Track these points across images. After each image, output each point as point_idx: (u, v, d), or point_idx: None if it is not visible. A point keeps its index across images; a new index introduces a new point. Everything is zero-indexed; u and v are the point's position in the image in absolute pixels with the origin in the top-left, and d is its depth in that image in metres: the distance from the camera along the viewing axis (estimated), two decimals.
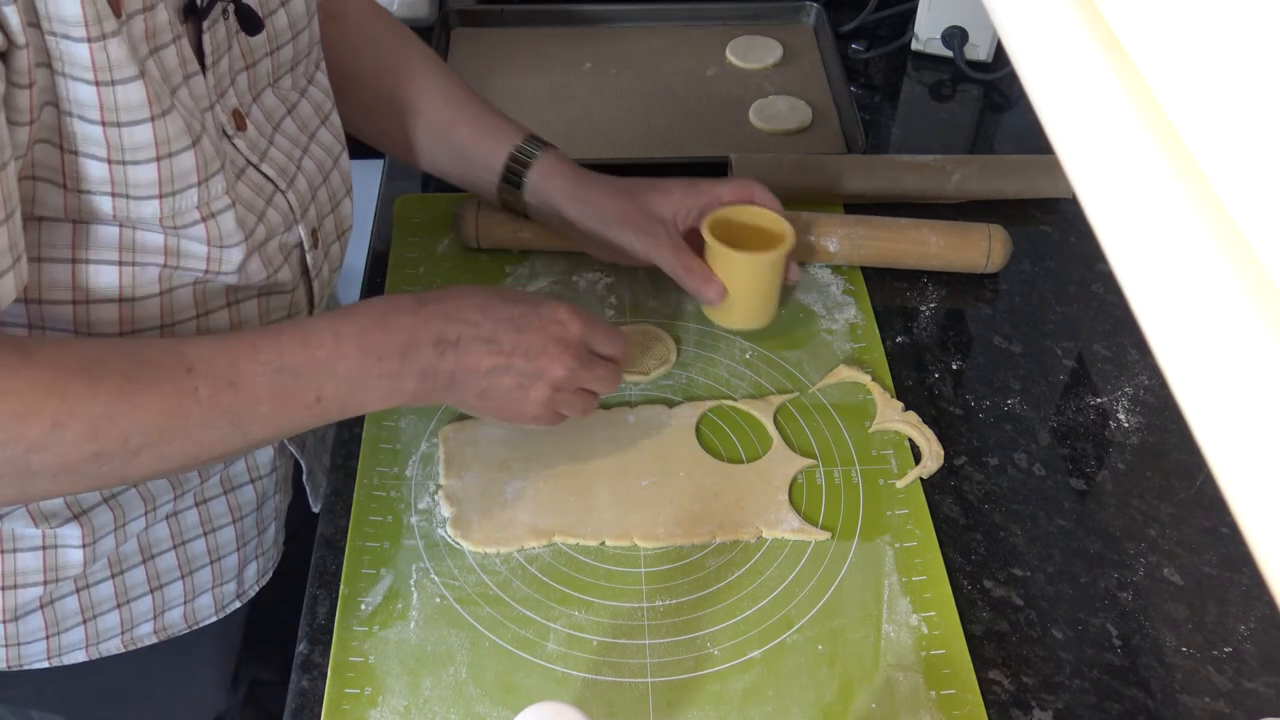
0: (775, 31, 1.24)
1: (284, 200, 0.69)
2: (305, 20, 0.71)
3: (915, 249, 0.94)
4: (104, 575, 0.74)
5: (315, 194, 0.72)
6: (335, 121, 0.76)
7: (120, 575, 0.74)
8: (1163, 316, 0.28)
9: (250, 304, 0.69)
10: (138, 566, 0.75)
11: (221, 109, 0.64)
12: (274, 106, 0.70)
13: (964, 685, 0.69)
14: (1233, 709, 0.69)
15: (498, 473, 0.79)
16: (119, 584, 0.75)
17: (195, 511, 0.77)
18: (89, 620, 0.75)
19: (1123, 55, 0.30)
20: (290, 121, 0.71)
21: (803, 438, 0.83)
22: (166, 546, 0.76)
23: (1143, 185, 0.28)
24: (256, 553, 0.83)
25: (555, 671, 0.69)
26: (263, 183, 0.67)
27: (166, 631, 0.79)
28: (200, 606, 0.80)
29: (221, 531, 0.79)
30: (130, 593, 0.76)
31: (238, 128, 0.65)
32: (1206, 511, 0.79)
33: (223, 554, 0.80)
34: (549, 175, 0.86)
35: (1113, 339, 0.92)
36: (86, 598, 0.74)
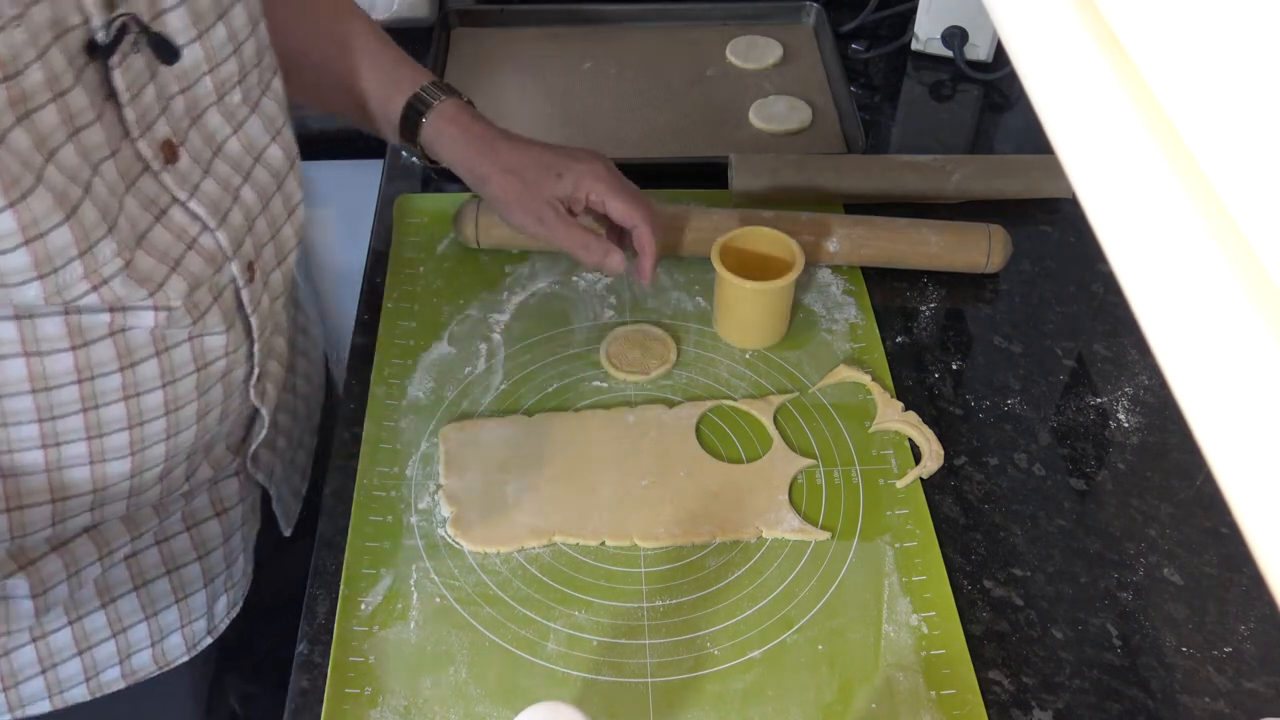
0: (775, 31, 1.24)
1: (212, 239, 0.64)
2: (248, 29, 0.66)
3: (915, 249, 0.94)
4: (61, 623, 0.71)
5: (254, 224, 0.67)
6: (288, 135, 0.71)
7: (79, 621, 0.71)
8: (1163, 316, 0.28)
9: (181, 350, 0.64)
10: (96, 612, 0.72)
11: (147, 143, 0.59)
12: (218, 127, 0.65)
13: (964, 685, 0.69)
14: (1233, 709, 0.69)
15: (498, 473, 0.79)
16: (78, 631, 0.72)
17: (156, 551, 0.74)
18: (48, 670, 0.72)
19: (1123, 55, 0.30)
20: (235, 142, 0.66)
21: (803, 438, 0.83)
22: (127, 589, 0.73)
23: (1143, 185, 0.28)
24: (226, 586, 0.80)
25: (555, 671, 0.69)
26: (188, 223, 0.62)
27: (135, 675, 0.76)
28: (170, 647, 0.77)
29: (186, 569, 0.76)
30: (90, 639, 0.72)
31: (167, 161, 0.60)
32: (1206, 511, 0.79)
33: (189, 592, 0.77)
34: (440, 137, 0.84)
35: (1113, 339, 0.92)
36: (44, 647, 0.71)
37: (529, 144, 0.85)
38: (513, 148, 0.84)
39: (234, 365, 0.69)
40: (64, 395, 0.60)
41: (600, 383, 0.87)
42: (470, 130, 0.84)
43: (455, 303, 0.93)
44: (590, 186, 0.83)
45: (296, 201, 0.72)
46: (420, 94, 0.84)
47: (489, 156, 0.83)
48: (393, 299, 0.93)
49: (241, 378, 0.71)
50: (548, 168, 0.83)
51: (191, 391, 0.66)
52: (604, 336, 0.89)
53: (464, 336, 0.90)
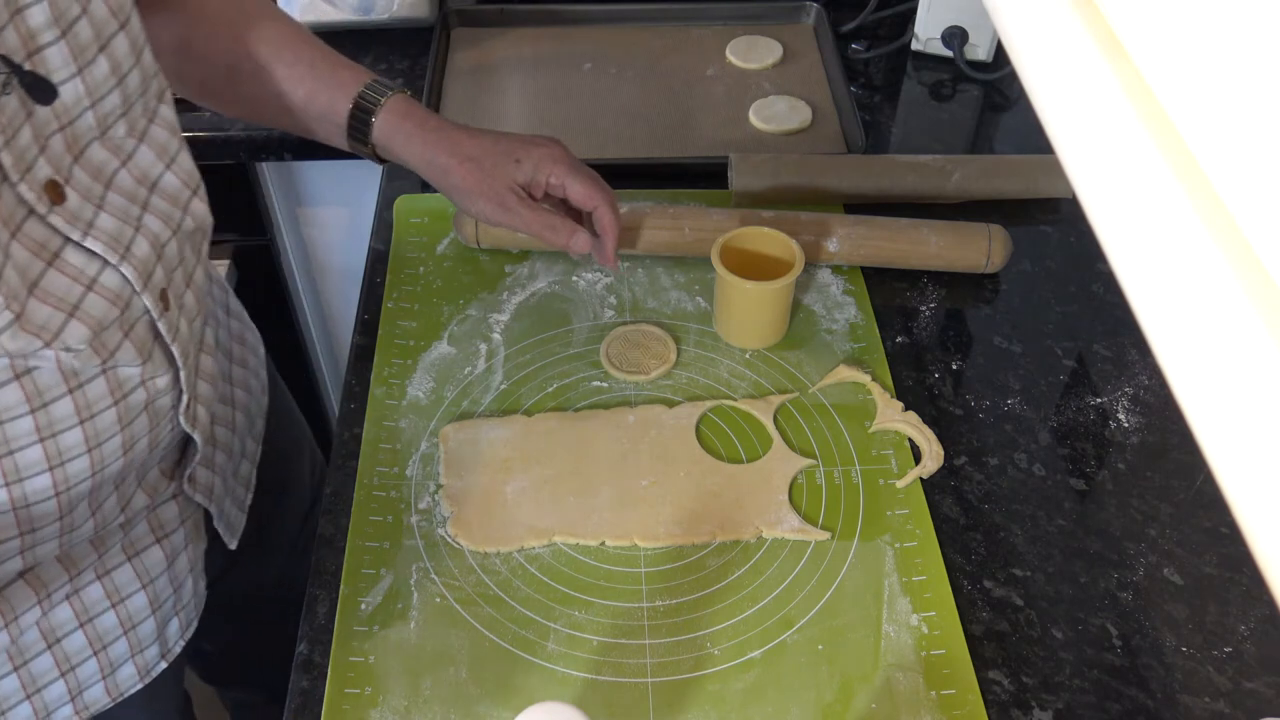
0: (775, 31, 1.24)
1: (116, 276, 0.61)
2: (131, 59, 0.62)
3: (915, 249, 0.94)
4: (5, 670, 0.69)
5: (163, 251, 0.64)
6: (185, 163, 0.68)
7: (24, 666, 0.69)
8: (1163, 316, 0.28)
9: (96, 384, 0.62)
10: (42, 654, 0.70)
11: (28, 187, 0.56)
12: (104, 161, 0.61)
13: (964, 685, 0.69)
14: (1233, 709, 0.69)
15: (498, 473, 0.79)
16: (24, 675, 0.69)
17: (98, 585, 0.71)
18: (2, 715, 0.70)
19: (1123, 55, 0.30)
20: (125, 174, 0.63)
21: (803, 438, 0.83)
22: (72, 628, 0.71)
23: (1143, 185, 0.28)
24: (175, 609, 0.78)
25: (555, 671, 0.69)
26: (85, 263, 0.59)
27: (89, 710, 0.74)
28: (122, 679, 0.75)
29: (132, 600, 0.74)
30: (38, 681, 0.70)
31: (54, 202, 0.57)
32: (1206, 511, 0.79)
33: (137, 621, 0.75)
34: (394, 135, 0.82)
35: (1113, 339, 0.92)
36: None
37: (485, 132, 0.84)
38: (470, 137, 0.83)
39: (157, 394, 0.66)
40: None
41: (600, 383, 0.87)
42: (425, 124, 0.83)
43: (455, 303, 0.93)
44: (550, 170, 0.82)
45: (207, 225, 0.70)
46: (365, 93, 0.82)
47: (447, 147, 0.82)
48: (393, 299, 0.93)
49: (169, 404, 0.68)
50: (506, 154, 0.82)
51: (113, 425, 0.63)
52: (604, 336, 0.89)
53: (464, 336, 0.90)
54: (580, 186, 0.83)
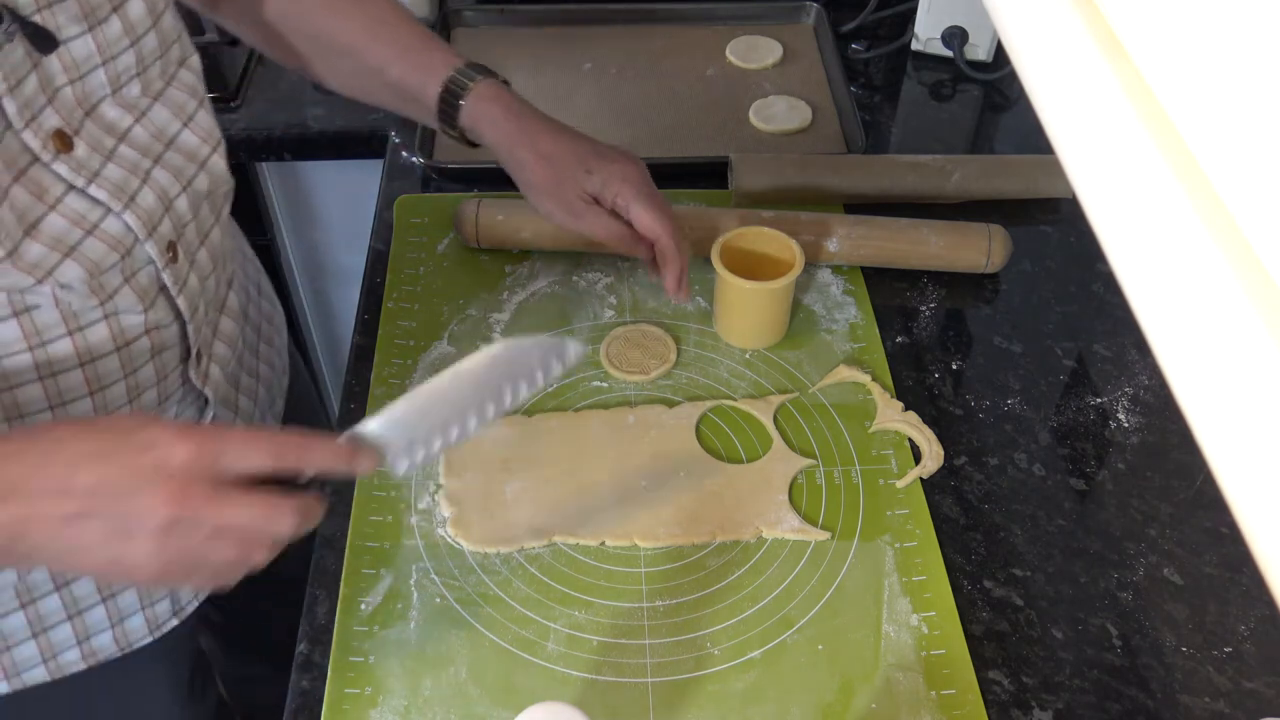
0: (775, 31, 1.24)
1: (118, 222, 0.62)
2: (148, 22, 0.65)
3: (915, 249, 0.94)
4: (13, 606, 0.70)
5: (172, 205, 0.66)
6: (203, 121, 0.70)
7: (32, 604, 0.70)
8: (1163, 316, 0.28)
9: (97, 329, 0.63)
10: (50, 595, 0.71)
11: (33, 134, 0.58)
12: (118, 117, 0.64)
13: (964, 685, 0.69)
14: (1233, 709, 0.69)
15: (498, 473, 0.79)
16: (31, 613, 0.71)
17: None
18: (4, 651, 0.71)
19: (1123, 55, 0.30)
20: (140, 130, 0.65)
21: (803, 438, 0.83)
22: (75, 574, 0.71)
23: (1143, 185, 0.28)
24: None
25: (555, 671, 0.69)
26: (88, 208, 0.61)
27: (96, 656, 0.75)
28: (131, 629, 0.76)
29: None
30: (45, 621, 0.72)
31: (60, 149, 0.59)
32: (1206, 511, 0.79)
33: None
34: (481, 119, 0.83)
35: (1113, 339, 0.92)
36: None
37: (564, 131, 0.84)
38: (550, 134, 0.83)
39: (164, 345, 0.67)
40: None
41: (600, 383, 0.87)
42: (510, 111, 0.83)
43: (455, 303, 0.93)
44: (618, 189, 0.81)
45: (223, 182, 0.72)
46: (455, 77, 0.82)
47: (526, 141, 0.82)
48: (393, 299, 0.93)
49: (177, 358, 0.70)
50: (579, 160, 0.82)
51: (116, 371, 0.65)
52: (604, 336, 0.89)
53: (464, 336, 0.90)
54: (644, 214, 0.81)
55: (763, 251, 0.89)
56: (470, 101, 0.82)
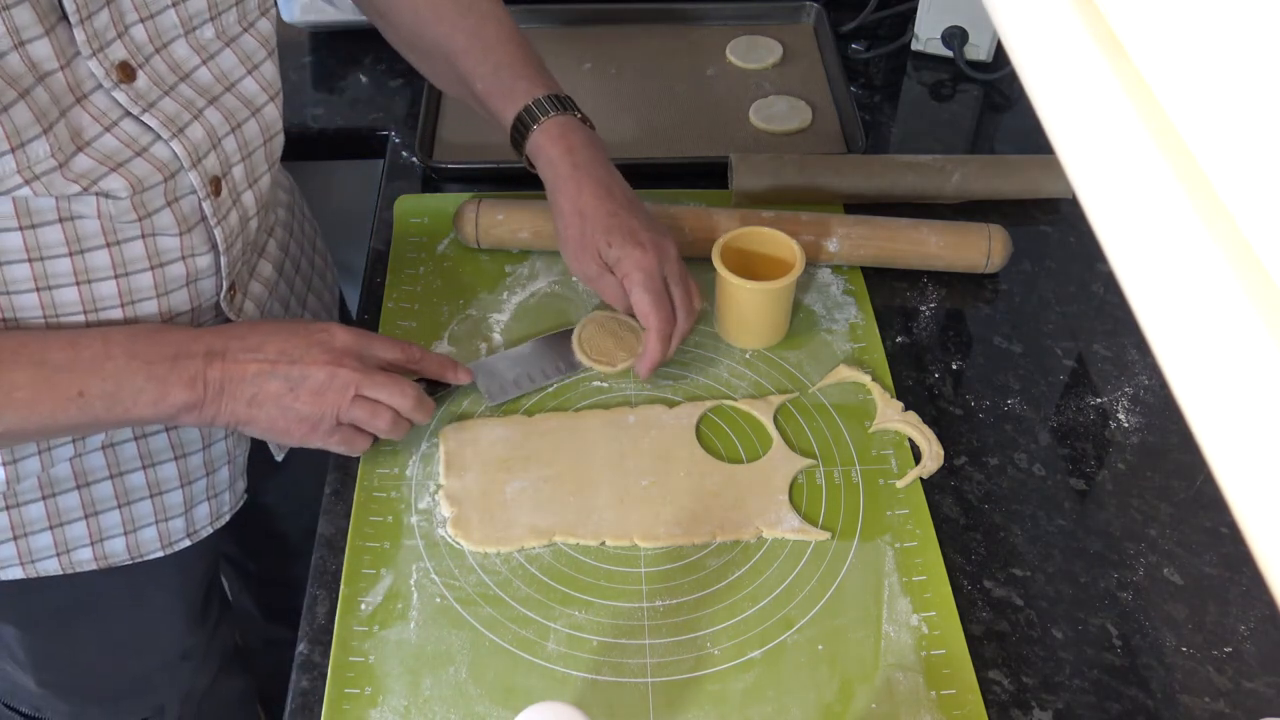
0: (775, 31, 1.24)
1: (166, 149, 0.68)
2: None
3: (915, 249, 0.94)
4: (34, 496, 0.76)
5: (220, 143, 0.71)
6: (267, 71, 0.75)
7: (52, 498, 0.76)
8: (1163, 316, 0.28)
9: (133, 245, 0.69)
10: (70, 492, 0.77)
11: (98, 63, 0.63)
12: (186, 56, 0.69)
13: (964, 685, 0.69)
14: (1233, 709, 0.69)
15: (498, 473, 0.79)
16: (50, 506, 0.77)
17: (134, 445, 0.78)
18: (20, 538, 0.77)
19: (1123, 55, 0.30)
20: (205, 72, 0.71)
21: (803, 438, 0.83)
22: (102, 475, 0.77)
23: (1143, 185, 0.28)
24: (208, 494, 0.83)
25: (555, 671, 0.69)
26: (139, 133, 0.67)
27: (108, 560, 0.80)
28: (144, 539, 0.81)
29: (163, 467, 0.80)
30: (63, 516, 0.77)
31: (122, 79, 0.65)
32: (1206, 511, 0.79)
33: (164, 489, 0.81)
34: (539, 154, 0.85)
35: (1113, 339, 0.92)
36: (16, 515, 0.76)
37: (608, 192, 0.83)
38: (595, 191, 0.83)
39: (199, 274, 0.73)
40: (15, 272, 0.65)
41: (600, 383, 0.87)
42: (570, 154, 0.83)
43: (455, 303, 0.93)
44: (627, 272, 0.81)
45: (275, 131, 0.77)
46: (530, 107, 0.84)
47: (573, 190, 0.83)
48: (393, 299, 0.93)
49: (212, 289, 0.75)
50: (605, 230, 0.82)
51: (149, 289, 0.70)
52: (581, 317, 0.89)
53: (464, 336, 0.90)
54: (640, 303, 0.81)
55: (763, 251, 0.89)
56: (536, 136, 0.84)
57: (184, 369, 0.68)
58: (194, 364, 0.68)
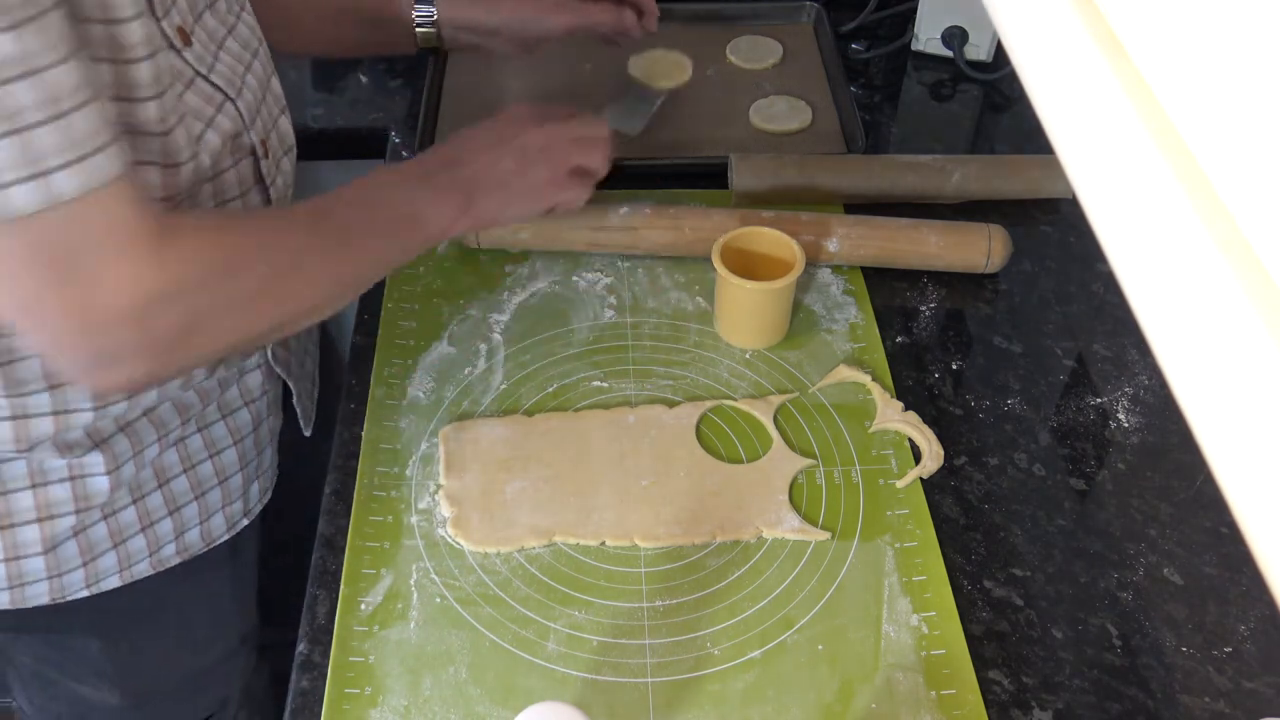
0: (775, 31, 1.24)
1: (233, 108, 0.72)
2: None
3: (915, 249, 0.94)
4: (126, 501, 0.77)
5: (260, 106, 0.76)
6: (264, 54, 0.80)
7: (141, 500, 0.78)
8: (1163, 316, 0.28)
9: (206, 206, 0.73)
10: (155, 491, 0.79)
11: (168, 24, 0.66)
12: (215, 28, 0.73)
13: (964, 685, 0.69)
14: (1233, 709, 0.69)
15: (498, 473, 0.79)
16: (140, 509, 0.78)
17: (199, 436, 0.81)
18: (119, 545, 0.78)
19: (1123, 55, 0.30)
20: (232, 40, 0.74)
21: (803, 438, 0.83)
22: (178, 471, 0.80)
23: (1143, 185, 0.28)
24: (257, 473, 0.87)
25: (555, 671, 0.69)
26: (212, 92, 0.70)
27: (188, 551, 0.83)
28: (214, 525, 0.84)
29: (224, 454, 0.83)
30: (152, 516, 0.79)
31: (184, 43, 0.68)
32: (1206, 511, 0.79)
33: (228, 474, 0.84)
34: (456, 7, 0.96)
35: (1113, 339, 0.92)
36: (114, 523, 0.77)
37: None
38: None
39: None
40: None
41: (600, 383, 0.87)
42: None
43: (455, 303, 0.93)
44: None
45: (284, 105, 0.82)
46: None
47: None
48: (393, 299, 0.93)
49: None
50: None
51: None
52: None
53: (464, 336, 0.90)
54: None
55: (763, 251, 0.89)
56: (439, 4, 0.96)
57: (449, 176, 0.77)
58: (449, 172, 0.78)
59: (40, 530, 0.74)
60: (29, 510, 0.73)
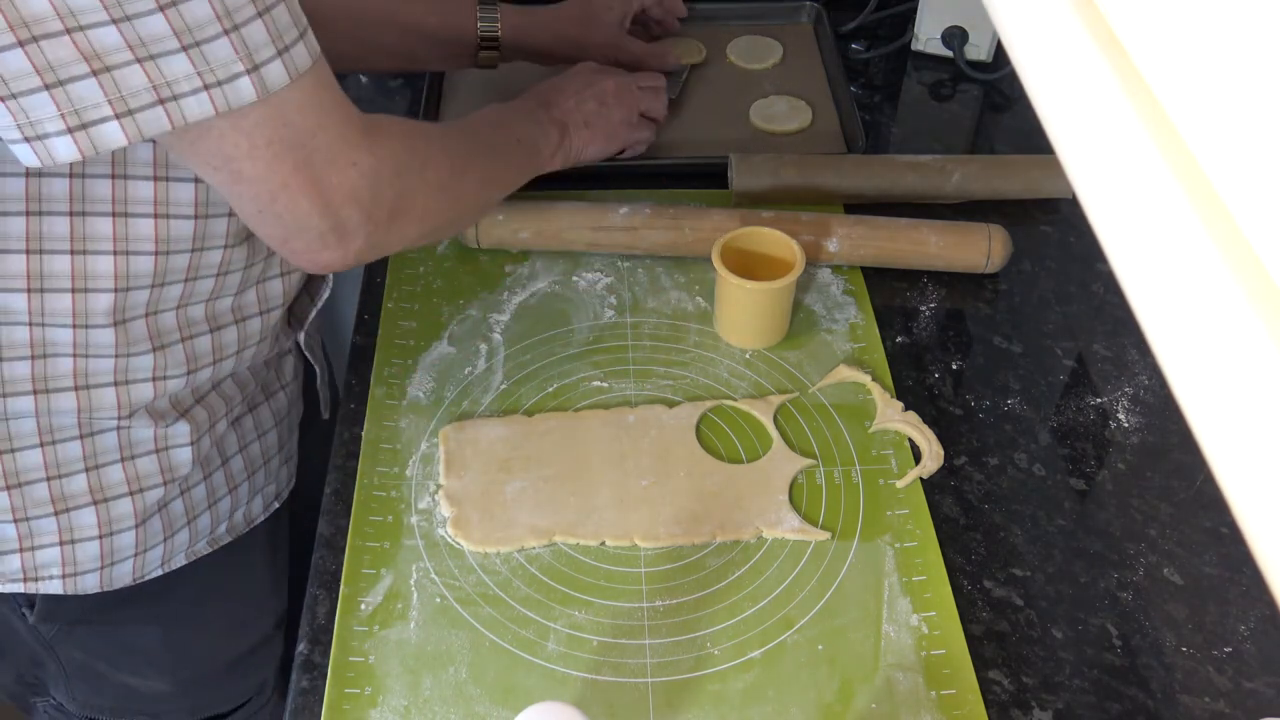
0: (775, 31, 1.24)
1: None
2: None
3: (915, 249, 0.94)
4: (199, 477, 0.80)
5: None
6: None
7: (209, 477, 0.81)
8: (1163, 316, 0.28)
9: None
10: (219, 469, 0.81)
11: None
12: None
13: (964, 685, 0.69)
14: (1233, 709, 0.69)
15: (498, 473, 0.79)
16: (209, 485, 0.81)
17: (251, 417, 0.83)
18: (191, 521, 0.80)
19: (1123, 55, 0.30)
20: None
21: (803, 438, 0.83)
22: (235, 450, 0.82)
23: (1143, 185, 0.28)
24: (288, 457, 0.90)
25: (555, 671, 0.69)
26: None
27: (234, 531, 0.85)
28: (254, 507, 0.87)
29: (268, 435, 0.86)
30: (215, 494, 0.82)
31: None
32: (1206, 511, 0.79)
33: (270, 456, 0.86)
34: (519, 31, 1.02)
35: (1113, 339, 0.92)
36: (189, 499, 0.79)
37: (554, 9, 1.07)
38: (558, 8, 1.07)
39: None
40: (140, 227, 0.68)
41: (600, 383, 0.87)
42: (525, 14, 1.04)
43: (455, 303, 0.93)
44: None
45: None
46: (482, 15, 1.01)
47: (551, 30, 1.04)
48: (393, 299, 0.93)
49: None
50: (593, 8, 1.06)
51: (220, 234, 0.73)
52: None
53: (464, 336, 0.90)
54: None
55: (763, 251, 0.89)
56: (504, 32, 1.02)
57: (541, 118, 0.88)
58: (543, 114, 0.89)
59: (133, 503, 0.75)
60: (120, 484, 0.74)
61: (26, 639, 0.83)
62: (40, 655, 0.85)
